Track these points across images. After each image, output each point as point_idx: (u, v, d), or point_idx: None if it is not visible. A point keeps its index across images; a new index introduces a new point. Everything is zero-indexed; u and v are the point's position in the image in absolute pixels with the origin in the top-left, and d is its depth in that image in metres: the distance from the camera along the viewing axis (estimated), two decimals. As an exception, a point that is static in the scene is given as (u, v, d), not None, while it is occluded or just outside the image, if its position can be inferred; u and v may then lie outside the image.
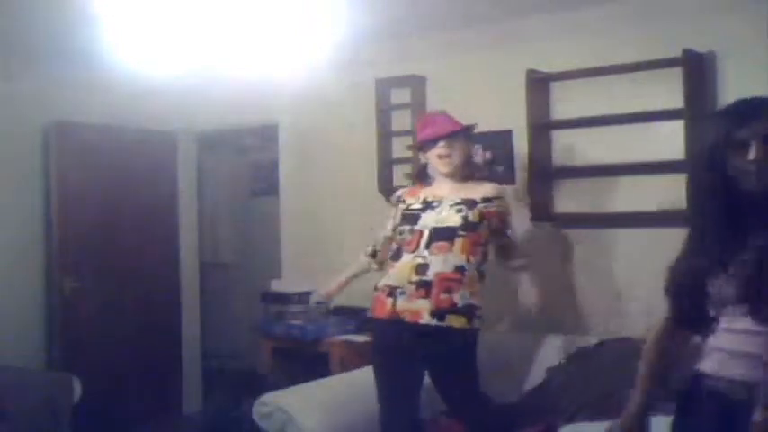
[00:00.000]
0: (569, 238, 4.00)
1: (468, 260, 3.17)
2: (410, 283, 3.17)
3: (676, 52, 3.54)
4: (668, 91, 3.60)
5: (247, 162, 6.96)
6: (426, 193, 3.36)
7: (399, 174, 4.60)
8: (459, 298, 3.12)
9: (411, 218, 3.30)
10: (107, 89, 4.74)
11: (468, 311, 3.14)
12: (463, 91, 4.34)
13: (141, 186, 5.36)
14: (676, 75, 3.56)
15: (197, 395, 5.76)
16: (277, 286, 4.80)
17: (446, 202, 3.25)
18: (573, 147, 4.02)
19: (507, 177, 4.19)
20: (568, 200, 4.04)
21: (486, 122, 4.22)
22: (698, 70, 3.57)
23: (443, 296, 3.12)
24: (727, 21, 3.54)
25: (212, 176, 6.79)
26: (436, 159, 3.30)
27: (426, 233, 3.21)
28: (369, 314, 3.41)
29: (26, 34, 4.05)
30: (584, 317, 3.92)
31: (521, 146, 4.10)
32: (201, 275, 5.98)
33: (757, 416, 1.74)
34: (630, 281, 3.79)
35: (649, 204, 3.71)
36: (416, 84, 4.50)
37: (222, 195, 7.01)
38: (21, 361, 4.59)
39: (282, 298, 4.66)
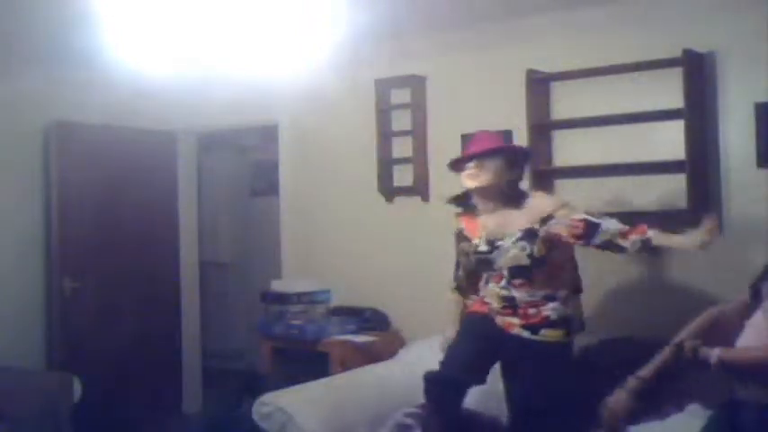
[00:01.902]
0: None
1: (554, 288, 3.07)
2: (497, 303, 3.14)
3: (676, 52, 3.54)
4: (668, 91, 3.61)
5: (247, 162, 6.96)
6: (485, 227, 3.18)
7: (399, 174, 4.60)
8: (550, 311, 3.05)
9: (485, 263, 3.16)
10: (107, 89, 4.73)
11: (566, 323, 3.07)
12: (463, 91, 4.34)
13: (141, 186, 5.36)
14: (676, 75, 3.56)
15: (197, 395, 5.75)
16: (277, 286, 4.80)
17: (508, 238, 3.08)
18: (573, 147, 4.03)
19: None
20: (568, 200, 4.03)
21: (486, 122, 4.23)
22: (698, 70, 3.57)
23: (532, 311, 3.06)
24: (727, 21, 3.54)
25: (212, 176, 6.79)
26: (464, 178, 3.16)
27: (505, 272, 3.10)
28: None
29: (26, 34, 4.05)
30: (584, 317, 3.91)
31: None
32: (201, 275, 5.98)
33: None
34: (630, 281, 3.79)
35: (649, 204, 3.71)
36: (416, 84, 4.50)
37: (222, 195, 7.01)
38: (21, 361, 4.59)
39: (282, 298, 4.66)
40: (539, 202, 3.12)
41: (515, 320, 3.09)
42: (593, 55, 3.85)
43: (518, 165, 3.21)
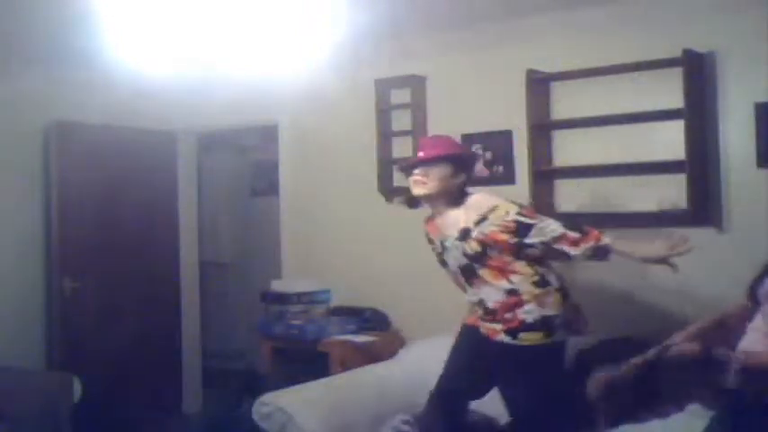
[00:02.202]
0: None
1: (511, 281, 3.05)
2: (478, 309, 3.16)
3: (676, 52, 3.54)
4: (668, 91, 3.61)
5: (247, 162, 6.96)
6: (438, 229, 3.25)
7: (400, 174, 4.60)
8: (525, 314, 3.03)
9: (442, 262, 3.26)
10: (107, 89, 4.74)
11: (544, 325, 3.04)
12: (463, 91, 4.34)
13: (141, 186, 5.36)
14: (676, 75, 3.56)
15: (197, 395, 5.75)
16: (277, 286, 4.80)
17: (450, 239, 3.15)
18: (573, 147, 4.03)
19: (507, 177, 4.19)
20: (568, 200, 4.04)
21: (486, 122, 4.23)
22: (698, 70, 3.58)
23: (508, 315, 3.06)
24: (727, 21, 3.54)
25: (212, 176, 6.79)
26: (411, 183, 3.21)
27: (460, 274, 3.17)
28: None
29: (26, 34, 4.05)
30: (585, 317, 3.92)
31: (521, 146, 4.10)
32: (201, 275, 5.98)
33: None
34: (630, 281, 3.79)
35: (649, 204, 3.71)
36: (416, 84, 4.50)
37: (222, 195, 7.01)
38: (21, 361, 4.59)
39: (282, 298, 4.66)
40: (475, 202, 3.15)
41: (497, 326, 3.08)
42: (593, 55, 3.85)
43: (465, 168, 3.22)
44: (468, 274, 3.13)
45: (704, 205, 3.59)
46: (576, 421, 2.99)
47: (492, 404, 3.29)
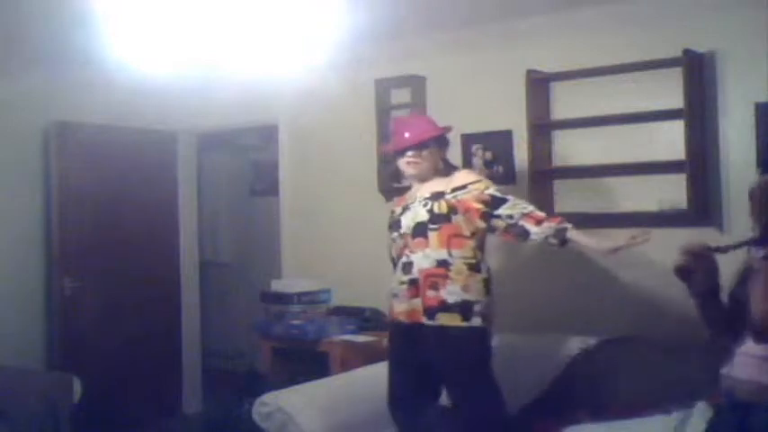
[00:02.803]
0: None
1: (449, 254, 3.12)
2: (401, 283, 3.23)
3: (676, 52, 3.54)
4: (668, 91, 3.61)
5: (247, 162, 6.96)
6: (406, 198, 3.38)
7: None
8: (447, 294, 3.10)
9: (396, 224, 3.34)
10: (107, 89, 4.74)
11: (463, 308, 3.10)
12: (463, 91, 4.34)
13: (141, 186, 5.36)
14: (676, 75, 3.56)
15: (197, 395, 5.76)
16: (277, 286, 4.80)
17: (417, 200, 3.26)
18: (573, 147, 4.03)
19: (507, 177, 4.19)
20: (568, 200, 4.04)
21: (486, 122, 4.23)
22: (698, 70, 3.58)
23: (430, 293, 3.11)
24: (727, 21, 3.54)
25: (212, 176, 6.79)
26: (404, 166, 3.32)
27: (408, 234, 3.24)
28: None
29: (26, 34, 4.04)
30: (584, 317, 3.92)
31: (521, 146, 4.10)
32: (201, 275, 5.98)
33: None
34: (630, 281, 3.79)
35: (649, 204, 3.71)
36: (416, 84, 4.50)
37: (222, 195, 7.01)
38: (21, 361, 4.59)
39: (282, 298, 4.66)
40: (460, 175, 3.29)
41: (417, 303, 3.13)
42: (593, 55, 3.85)
43: (446, 142, 3.41)
44: (417, 233, 3.18)
45: (704, 205, 3.59)
46: (561, 416, 3.04)
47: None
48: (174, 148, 5.63)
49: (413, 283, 3.17)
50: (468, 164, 4.30)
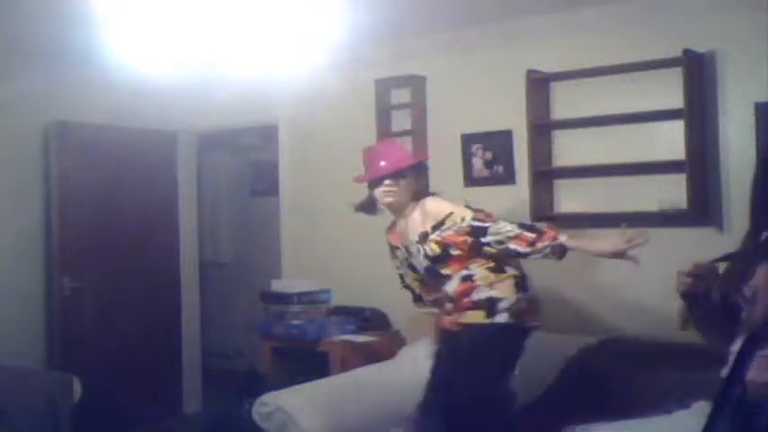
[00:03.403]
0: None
1: (468, 269, 3.14)
2: (448, 306, 3.23)
3: (676, 52, 3.54)
4: (668, 91, 3.61)
5: (247, 162, 6.96)
6: (401, 235, 3.34)
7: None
8: (476, 294, 3.12)
9: (412, 268, 3.33)
10: (107, 89, 4.74)
11: (488, 305, 3.10)
12: (463, 91, 4.34)
13: (141, 186, 5.36)
14: (676, 75, 3.56)
15: (197, 395, 5.76)
16: (277, 286, 4.80)
17: (413, 245, 3.24)
18: (573, 147, 4.03)
19: (507, 177, 4.19)
20: (568, 200, 4.04)
21: (486, 122, 4.23)
22: (698, 70, 3.58)
23: (464, 300, 3.14)
24: (727, 21, 3.54)
25: (212, 176, 6.79)
26: (381, 195, 3.27)
27: (428, 278, 3.27)
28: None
29: (26, 34, 4.04)
30: (584, 317, 3.92)
31: (521, 146, 4.10)
32: (201, 275, 5.98)
33: None
34: (630, 281, 3.78)
35: (649, 204, 3.71)
36: (416, 84, 4.50)
37: (222, 195, 7.01)
38: (21, 361, 4.59)
39: (282, 298, 4.66)
40: (431, 208, 3.21)
41: (456, 315, 3.17)
42: (593, 55, 3.85)
43: (424, 173, 3.37)
44: (433, 274, 3.21)
45: (704, 205, 3.59)
46: (561, 415, 3.03)
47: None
48: (173, 148, 5.63)
49: (452, 301, 3.19)
50: (468, 164, 4.30)
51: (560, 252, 3.02)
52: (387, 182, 3.23)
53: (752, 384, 1.92)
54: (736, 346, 1.93)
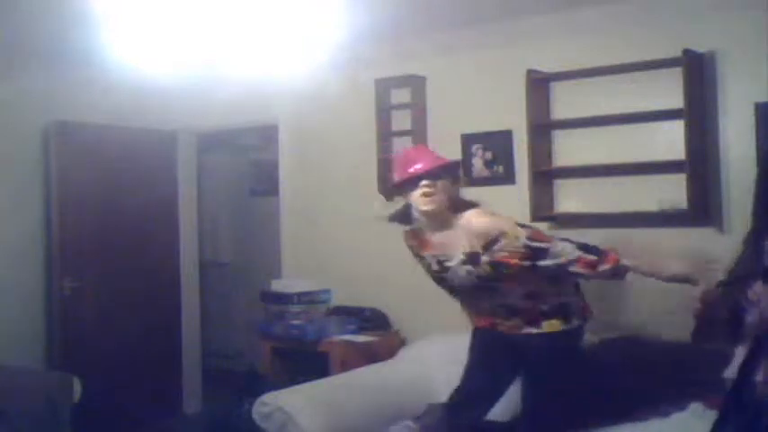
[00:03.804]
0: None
1: (531, 292, 3.02)
2: (501, 315, 3.12)
3: (676, 52, 3.54)
4: (668, 91, 3.61)
5: (247, 162, 6.96)
6: (432, 245, 3.10)
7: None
8: (545, 302, 3.03)
9: (442, 281, 3.14)
10: (107, 89, 4.74)
11: (562, 311, 3.05)
12: (463, 91, 4.34)
13: (141, 186, 5.36)
14: (676, 75, 3.56)
15: (197, 395, 5.76)
16: (277, 286, 4.80)
17: (454, 260, 3.01)
18: (573, 147, 4.02)
19: (507, 177, 4.19)
20: (568, 200, 4.04)
21: (486, 122, 4.23)
22: (698, 70, 3.58)
23: (533, 309, 3.05)
24: (727, 21, 3.54)
25: (212, 176, 6.79)
26: (418, 199, 2.98)
27: (475, 292, 3.08)
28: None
29: (26, 34, 4.04)
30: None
31: (521, 146, 4.10)
32: (201, 275, 5.98)
33: None
34: (630, 281, 3.78)
35: (649, 204, 3.71)
36: (416, 84, 4.50)
37: (222, 195, 7.01)
38: (21, 361, 4.59)
39: (282, 298, 4.66)
40: (478, 225, 2.98)
41: (517, 321, 3.08)
42: (593, 55, 3.85)
43: (458, 178, 3.17)
44: (485, 289, 3.05)
45: (704, 205, 3.59)
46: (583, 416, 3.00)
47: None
48: (174, 148, 5.63)
49: (510, 311, 3.10)
50: (468, 164, 4.30)
51: (621, 275, 2.93)
52: (424, 182, 2.95)
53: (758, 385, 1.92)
54: (740, 349, 1.93)
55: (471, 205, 3.07)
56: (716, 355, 2.33)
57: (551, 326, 3.04)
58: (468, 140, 4.29)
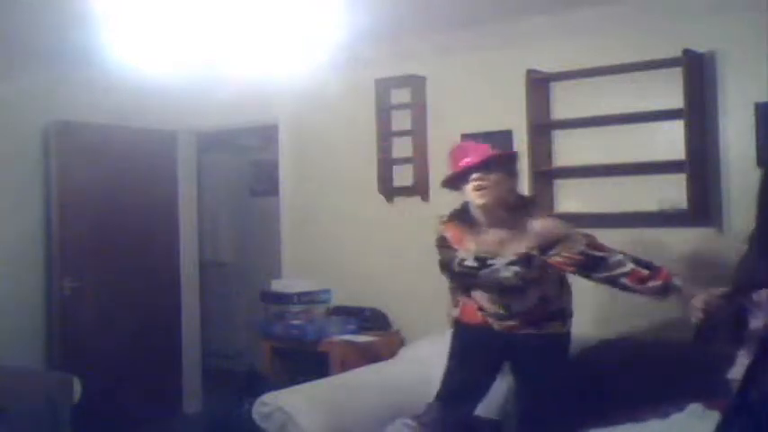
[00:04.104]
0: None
1: (545, 295, 3.05)
2: (497, 312, 3.12)
3: (676, 52, 3.54)
4: (668, 91, 3.61)
5: (247, 162, 6.96)
6: (477, 241, 3.04)
7: (399, 174, 4.60)
8: (551, 306, 3.09)
9: (469, 276, 3.06)
10: (107, 89, 4.74)
11: (561, 315, 3.11)
12: (463, 91, 4.34)
13: (141, 186, 5.36)
14: (676, 75, 3.56)
15: (197, 395, 5.76)
16: (277, 286, 4.80)
17: (501, 259, 2.96)
18: (573, 147, 4.03)
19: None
20: (568, 200, 4.04)
21: (486, 122, 4.23)
22: (698, 70, 3.58)
23: (541, 311, 3.08)
24: (727, 21, 3.54)
25: (212, 176, 6.79)
26: (472, 193, 2.93)
27: (494, 288, 3.04)
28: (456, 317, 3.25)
29: (26, 34, 4.04)
30: (584, 317, 3.91)
31: (521, 146, 4.10)
32: (201, 275, 5.98)
33: None
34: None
35: (649, 204, 3.71)
36: (416, 84, 4.50)
37: (222, 195, 7.01)
38: (21, 361, 4.59)
39: (282, 298, 4.66)
40: (543, 230, 2.94)
41: (515, 321, 3.09)
42: (593, 55, 3.85)
43: (515, 173, 3.07)
44: (509, 292, 3.02)
45: (704, 205, 3.59)
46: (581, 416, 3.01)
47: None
48: (174, 148, 5.63)
49: (513, 314, 3.11)
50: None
51: (670, 293, 2.84)
52: (474, 175, 2.91)
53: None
54: (743, 350, 1.93)
55: (530, 201, 3.08)
56: (716, 356, 2.34)
57: (553, 327, 3.09)
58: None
